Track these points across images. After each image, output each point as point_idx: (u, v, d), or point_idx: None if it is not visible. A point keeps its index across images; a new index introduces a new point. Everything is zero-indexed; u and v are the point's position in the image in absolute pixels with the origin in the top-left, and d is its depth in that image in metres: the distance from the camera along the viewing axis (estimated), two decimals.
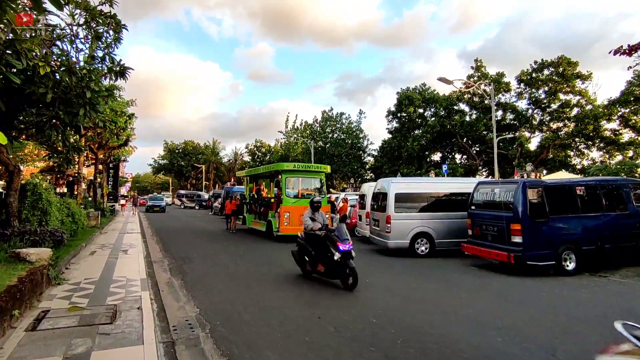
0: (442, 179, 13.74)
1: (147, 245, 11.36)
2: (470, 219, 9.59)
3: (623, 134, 31.76)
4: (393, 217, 10.53)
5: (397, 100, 34.50)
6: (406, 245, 10.53)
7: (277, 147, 56.90)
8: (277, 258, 9.91)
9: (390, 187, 10.76)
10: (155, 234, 15.15)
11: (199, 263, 8.94)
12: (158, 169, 69.21)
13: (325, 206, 13.99)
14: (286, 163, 13.61)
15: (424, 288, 6.96)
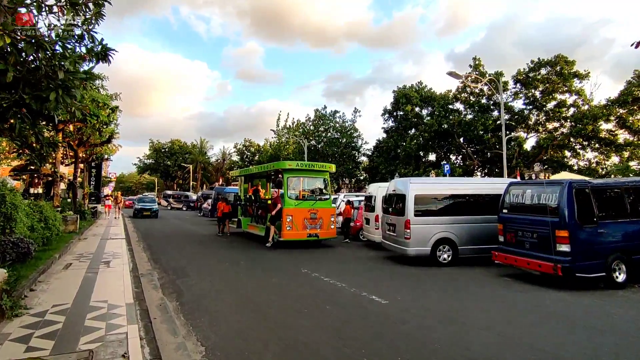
0: (464, 179, 12.74)
1: (133, 253, 9.98)
2: (501, 224, 8.56)
3: (619, 135, 31.54)
4: (413, 222, 9.43)
5: (394, 99, 33.57)
6: (427, 252, 9.45)
7: (266, 146, 55.51)
8: (286, 269, 8.68)
9: (409, 188, 9.66)
10: (142, 240, 13.72)
11: (195, 277, 7.65)
12: (143, 168, 66.83)
13: (330, 208, 12.85)
14: (288, 161, 12.42)
15: (464, 307, 5.86)
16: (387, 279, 7.85)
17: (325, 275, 8.00)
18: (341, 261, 10.12)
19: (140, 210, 25.80)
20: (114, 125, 19.72)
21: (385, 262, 9.93)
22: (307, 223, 12.24)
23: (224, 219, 15.83)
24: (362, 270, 8.88)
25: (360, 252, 11.74)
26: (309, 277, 7.86)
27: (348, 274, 8.20)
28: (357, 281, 7.49)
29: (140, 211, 25.76)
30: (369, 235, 13.07)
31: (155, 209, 26.34)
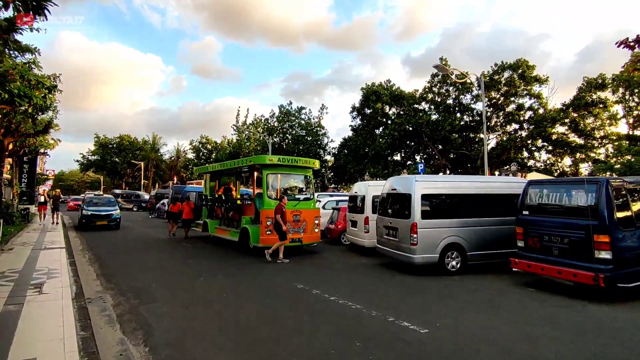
0: (472, 177, 11.84)
1: (77, 269, 7.86)
2: (521, 227, 7.63)
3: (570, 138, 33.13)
4: (420, 225, 8.26)
5: (363, 96, 32.74)
6: (435, 260, 8.34)
7: (224, 143, 52.72)
8: (278, 285, 7.11)
9: (415, 187, 8.48)
10: (87, 249, 11.38)
11: (165, 300, 5.86)
12: (87, 165, 60.76)
13: (314, 210, 11.42)
14: (268, 156, 10.81)
15: (518, 331, 4.72)
16: (403, 295, 6.58)
17: (328, 292, 6.56)
18: (335, 271, 8.72)
19: (90, 219, 16.70)
20: (52, 112, 16.83)
21: (386, 271, 8.68)
22: (289, 226, 10.69)
23: (189, 222, 13.86)
24: (367, 283, 7.55)
25: (350, 259, 10.43)
26: (310, 296, 6.38)
27: (354, 290, 6.83)
28: (370, 299, 6.15)
29: (91, 219, 16.73)
30: (355, 239, 11.79)
31: (116, 215, 17.37)
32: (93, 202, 18.09)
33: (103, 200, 18.75)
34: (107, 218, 16.95)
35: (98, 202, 18.38)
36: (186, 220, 13.64)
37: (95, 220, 16.71)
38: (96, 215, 16.81)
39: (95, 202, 18.16)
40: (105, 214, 17.05)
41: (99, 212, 17.04)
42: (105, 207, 17.69)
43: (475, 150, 34.57)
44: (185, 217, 13.57)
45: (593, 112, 30.22)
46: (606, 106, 29.18)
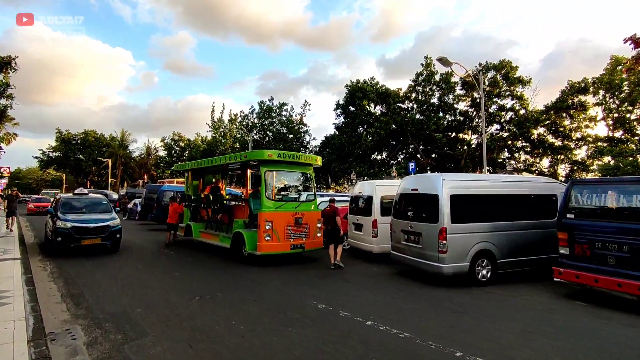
0: (502, 177, 10.94)
1: (35, 288, 6.24)
2: (565, 233, 6.75)
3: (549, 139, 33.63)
4: (450, 230, 7.25)
5: (348, 93, 31.76)
6: (466, 269, 7.36)
7: (197, 141, 50.39)
8: (292, 304, 5.83)
9: (443, 187, 7.45)
10: (49, 259, 9.61)
11: (157, 335, 4.47)
12: (47, 162, 56.42)
13: (316, 212, 10.20)
14: (267, 151, 9.47)
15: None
16: (448, 316, 5.50)
17: (360, 314, 5.39)
18: (352, 284, 7.55)
19: (71, 236, 9.90)
20: (6, 99, 14.68)
21: (408, 283, 7.61)
22: (290, 231, 9.44)
23: (175, 226, 12.29)
24: (396, 300, 6.42)
25: (359, 268, 9.30)
26: (340, 321, 5.18)
27: (387, 310, 5.69)
28: (415, 324, 5.05)
29: (72, 237, 9.91)
30: (360, 244, 10.68)
31: (115, 227, 10.73)
32: (74, 207, 11.10)
33: (90, 203, 11.56)
34: (100, 233, 10.18)
35: (82, 206, 11.27)
36: (172, 224, 12.02)
37: (82, 238, 9.91)
38: (82, 230, 9.98)
39: (77, 207, 11.16)
40: (96, 227, 10.20)
41: (87, 223, 10.15)
42: (95, 214, 10.94)
43: (459, 150, 34.48)
44: (170, 221, 11.92)
45: (572, 115, 30.71)
46: (585, 108, 29.70)
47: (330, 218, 9.38)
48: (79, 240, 9.92)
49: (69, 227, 9.87)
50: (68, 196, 12.07)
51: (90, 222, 10.31)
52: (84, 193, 12.14)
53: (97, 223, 10.34)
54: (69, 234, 9.81)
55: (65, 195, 12.41)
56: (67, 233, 9.81)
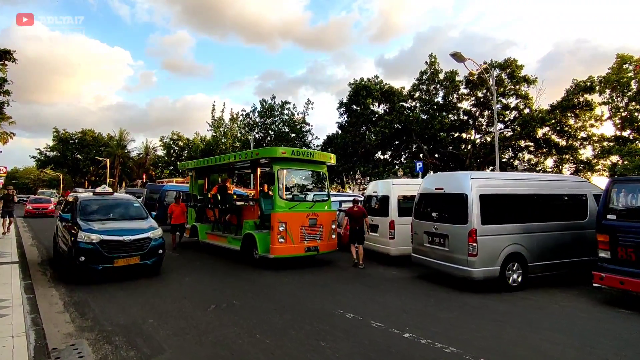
0: (532, 175, 10.48)
1: (35, 296, 5.73)
2: (606, 235, 6.30)
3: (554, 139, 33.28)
4: (480, 232, 6.78)
5: (352, 91, 31.24)
6: (496, 273, 6.89)
7: (196, 140, 49.80)
8: (321, 313, 5.34)
9: (471, 185, 6.99)
10: (48, 264, 9.08)
11: (176, 352, 3.97)
12: (45, 162, 55.63)
13: (331, 212, 9.72)
14: (280, 147, 8.98)
15: None
16: (488, 325, 5.03)
17: (394, 325, 4.91)
18: (374, 290, 7.07)
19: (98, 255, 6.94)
20: (3, 95, 14.14)
21: (434, 288, 7.14)
22: (304, 233, 8.95)
23: (182, 227, 11.75)
24: (427, 307, 5.94)
25: (377, 271, 8.83)
26: (375, 333, 4.70)
27: (421, 320, 5.22)
28: (451, 335, 4.60)
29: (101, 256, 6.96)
30: (376, 246, 10.17)
31: (157, 241, 7.70)
32: (98, 212, 8.20)
33: (118, 206, 8.63)
34: (138, 249, 7.32)
35: (108, 210, 8.39)
36: (176, 225, 11.43)
37: (114, 256, 7.05)
38: (114, 245, 7.11)
39: (102, 212, 8.25)
40: (133, 240, 7.30)
41: (119, 235, 7.24)
42: (126, 222, 8.03)
43: (463, 150, 34.06)
44: (174, 222, 11.34)
45: (578, 114, 30.35)
46: (591, 108, 29.32)
47: (359, 218, 9.25)
48: (111, 260, 6.91)
49: (96, 241, 6.89)
50: (88, 197, 8.89)
51: (124, 233, 7.24)
52: (108, 192, 9.05)
53: (133, 235, 7.27)
54: (96, 251, 6.83)
55: (85, 196, 9.02)
56: (94, 250, 6.82)
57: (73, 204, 8.42)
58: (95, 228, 7.26)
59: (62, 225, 8.35)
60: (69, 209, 8.61)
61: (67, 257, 7.26)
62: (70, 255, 6.98)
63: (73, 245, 6.95)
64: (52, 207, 24.63)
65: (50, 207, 24.48)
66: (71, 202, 8.81)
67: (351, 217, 9.50)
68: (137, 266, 7.31)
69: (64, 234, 7.91)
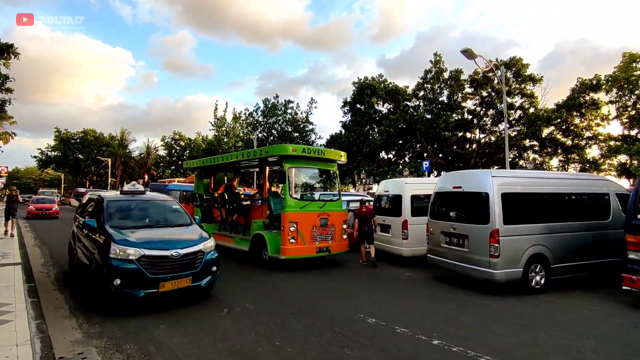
0: (554, 173, 10.21)
1: (39, 299, 5.47)
2: (637, 236, 6.01)
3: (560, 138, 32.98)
4: (502, 232, 6.50)
5: (357, 90, 30.96)
6: (519, 275, 6.61)
7: (198, 140, 49.59)
8: (338, 315, 5.06)
9: (492, 184, 6.71)
10: (52, 263, 8.81)
11: None
12: (46, 162, 55.45)
13: (342, 212, 9.46)
14: (291, 145, 8.71)
15: None
16: (519, 331, 4.75)
17: (420, 331, 4.64)
18: (391, 292, 6.79)
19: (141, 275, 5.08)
20: (4, 93, 13.89)
21: (453, 291, 6.85)
22: (316, 233, 8.68)
23: None
24: (446, 310, 5.66)
25: (390, 272, 8.55)
26: (402, 340, 4.43)
27: (446, 325, 4.94)
28: (482, 341, 4.32)
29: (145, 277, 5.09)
30: (388, 247, 9.90)
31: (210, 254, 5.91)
32: (131, 216, 6.37)
33: (153, 209, 6.82)
34: (189, 267, 5.53)
35: (142, 215, 6.54)
36: None
37: (160, 277, 5.24)
38: (160, 262, 5.29)
39: (136, 217, 6.42)
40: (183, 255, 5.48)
41: (164, 248, 5.42)
42: (168, 229, 6.26)
43: (468, 150, 33.77)
44: None
45: (584, 113, 30.03)
46: (598, 107, 29.00)
47: (368, 219, 9.20)
48: (155, 283, 5.10)
49: (136, 257, 5.09)
50: (116, 197, 6.75)
51: (170, 245, 5.44)
52: (139, 191, 7.00)
53: (181, 247, 5.46)
54: (136, 271, 5.02)
55: (111, 196, 6.85)
56: (134, 270, 5.01)
57: (98, 206, 6.46)
58: (131, 239, 5.36)
59: (83, 234, 6.43)
60: (93, 212, 6.67)
61: (92, 276, 5.55)
62: (99, 275, 5.17)
63: (103, 262, 5.11)
64: (57, 208, 23.45)
65: (55, 208, 23.24)
66: (95, 204, 6.85)
67: (360, 218, 9.43)
68: (188, 289, 5.50)
69: (87, 245, 6.09)
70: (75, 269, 7.03)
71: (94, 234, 5.87)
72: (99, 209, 6.31)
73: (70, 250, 7.60)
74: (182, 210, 7.01)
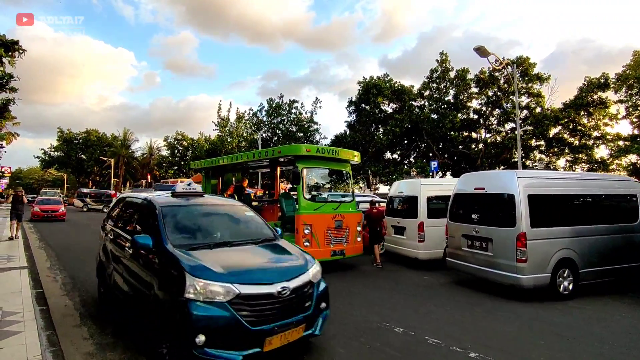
0: (581, 174, 9.93)
1: (48, 307, 5.21)
2: None
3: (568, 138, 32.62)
4: (530, 236, 6.21)
5: (362, 90, 30.69)
6: (547, 281, 6.32)
7: (201, 140, 49.43)
8: (362, 323, 4.78)
9: (518, 185, 6.43)
10: (59, 267, 8.56)
11: None
12: (49, 162, 55.37)
13: (356, 214, 9.18)
14: (305, 145, 8.46)
15: None
16: (558, 342, 4.47)
17: (447, 339, 4.37)
18: (412, 296, 6.51)
19: (239, 327, 3.25)
20: (9, 92, 13.68)
21: (476, 295, 6.57)
22: (330, 236, 8.41)
23: None
24: (474, 318, 5.37)
25: (407, 276, 8.28)
26: (429, 349, 4.17)
27: (477, 334, 4.67)
28: (521, 354, 4.07)
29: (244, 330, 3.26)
30: (403, 250, 9.62)
31: (319, 284, 4.05)
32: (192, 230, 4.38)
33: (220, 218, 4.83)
34: (298, 307, 3.67)
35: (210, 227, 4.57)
36: None
37: (265, 330, 3.36)
38: (260, 304, 3.43)
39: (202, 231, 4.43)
40: (290, 290, 3.59)
41: (262, 279, 3.58)
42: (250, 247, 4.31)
43: (473, 150, 33.43)
44: None
45: (591, 112, 29.67)
46: (606, 106, 28.64)
47: (378, 220, 9.06)
48: (259, 338, 3.36)
49: (228, 297, 3.35)
50: (171, 201, 4.72)
51: (270, 275, 3.70)
52: (196, 193, 5.11)
53: (287, 279, 3.69)
54: (232, 322, 3.28)
55: (164, 199, 4.76)
56: (228, 321, 3.27)
57: (146, 215, 4.56)
58: (213, 267, 3.49)
59: (125, 252, 4.56)
60: (140, 222, 4.75)
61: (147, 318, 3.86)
62: (165, 323, 3.44)
63: (173, 305, 3.35)
64: (63, 210, 22.25)
65: (61, 210, 21.92)
66: (139, 210, 4.99)
67: (370, 219, 9.42)
68: (299, 342, 3.73)
69: (134, 270, 4.26)
70: (110, 299, 5.18)
71: (149, 255, 3.92)
72: (150, 218, 4.34)
73: (100, 270, 5.57)
74: (259, 217, 5.12)
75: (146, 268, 3.96)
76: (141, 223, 4.71)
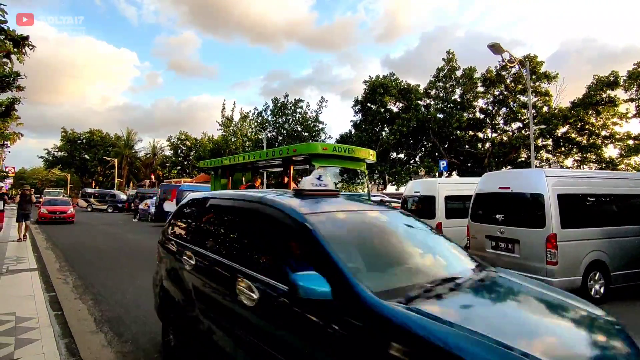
0: (611, 173, 9.69)
1: (63, 312, 4.99)
2: None
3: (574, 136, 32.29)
4: (560, 237, 5.97)
5: (368, 89, 30.45)
6: (578, 284, 6.08)
7: (204, 140, 49.32)
8: None
9: (547, 184, 6.19)
10: (68, 268, 8.36)
11: None
12: (53, 162, 55.37)
13: None
14: (321, 144, 8.27)
15: None
16: None
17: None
18: None
19: None
20: (16, 90, 13.49)
21: None
22: None
23: None
24: None
25: None
26: None
27: None
28: None
29: None
30: None
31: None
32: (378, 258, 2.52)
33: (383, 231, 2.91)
34: None
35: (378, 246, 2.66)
36: None
37: None
38: None
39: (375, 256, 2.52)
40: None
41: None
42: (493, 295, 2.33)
43: (480, 149, 33.14)
44: None
45: (600, 111, 29.33)
46: (615, 104, 28.31)
47: None
48: None
49: None
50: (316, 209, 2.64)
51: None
52: (332, 191, 3.07)
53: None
54: None
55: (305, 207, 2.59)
56: None
57: (286, 232, 2.53)
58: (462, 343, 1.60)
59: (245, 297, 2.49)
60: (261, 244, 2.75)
61: None
62: None
63: None
64: (72, 211, 20.72)
65: (70, 211, 20.44)
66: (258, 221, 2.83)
67: None
68: None
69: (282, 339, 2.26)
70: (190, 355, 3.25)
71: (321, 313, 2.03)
72: (293, 239, 2.47)
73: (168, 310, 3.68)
74: (444, 236, 3.29)
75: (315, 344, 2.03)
76: (266, 247, 2.69)
